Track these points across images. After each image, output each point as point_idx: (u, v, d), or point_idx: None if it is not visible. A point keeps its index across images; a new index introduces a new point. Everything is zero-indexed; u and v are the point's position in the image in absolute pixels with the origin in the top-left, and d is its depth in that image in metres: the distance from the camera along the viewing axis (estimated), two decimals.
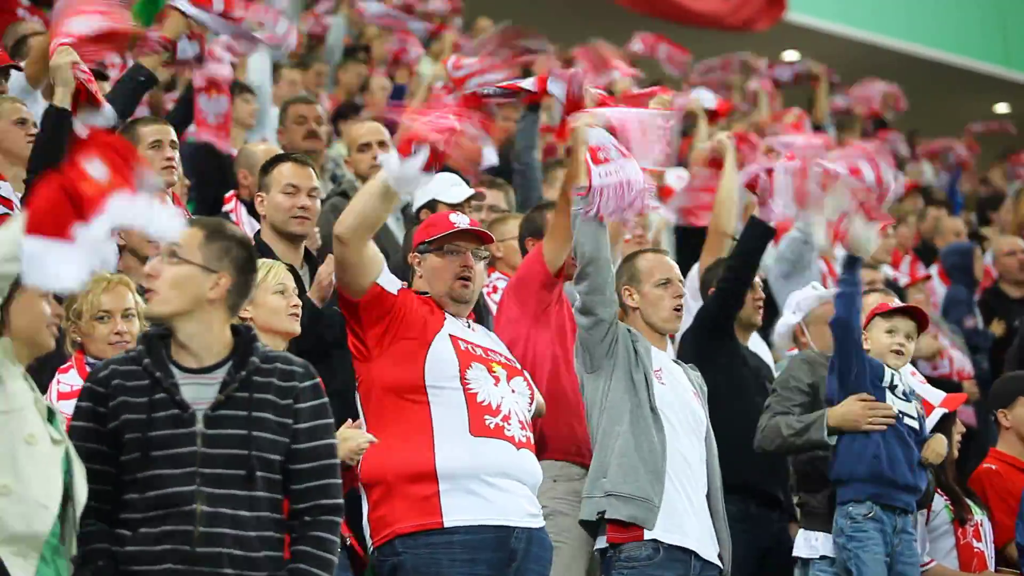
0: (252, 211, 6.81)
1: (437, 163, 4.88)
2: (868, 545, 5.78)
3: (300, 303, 5.24)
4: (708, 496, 5.63)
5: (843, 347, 5.99)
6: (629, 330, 5.65)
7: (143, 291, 4.27)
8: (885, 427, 5.90)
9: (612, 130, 5.49)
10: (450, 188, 6.93)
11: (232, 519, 3.97)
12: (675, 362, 5.85)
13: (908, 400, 6.02)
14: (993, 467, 6.69)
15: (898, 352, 6.07)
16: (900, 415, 5.96)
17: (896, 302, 6.47)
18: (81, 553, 3.96)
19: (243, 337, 4.15)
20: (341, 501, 4.18)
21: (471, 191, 6.97)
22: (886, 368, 6.02)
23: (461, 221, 5.40)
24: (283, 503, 4.11)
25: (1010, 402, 6.76)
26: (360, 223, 5.05)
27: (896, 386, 6.01)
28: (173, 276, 4.07)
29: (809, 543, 6.02)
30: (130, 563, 3.95)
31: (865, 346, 6.09)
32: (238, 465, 4.00)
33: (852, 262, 6.00)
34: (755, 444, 6.15)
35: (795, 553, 6.11)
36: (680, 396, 5.67)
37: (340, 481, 4.18)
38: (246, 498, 4.01)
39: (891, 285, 9.56)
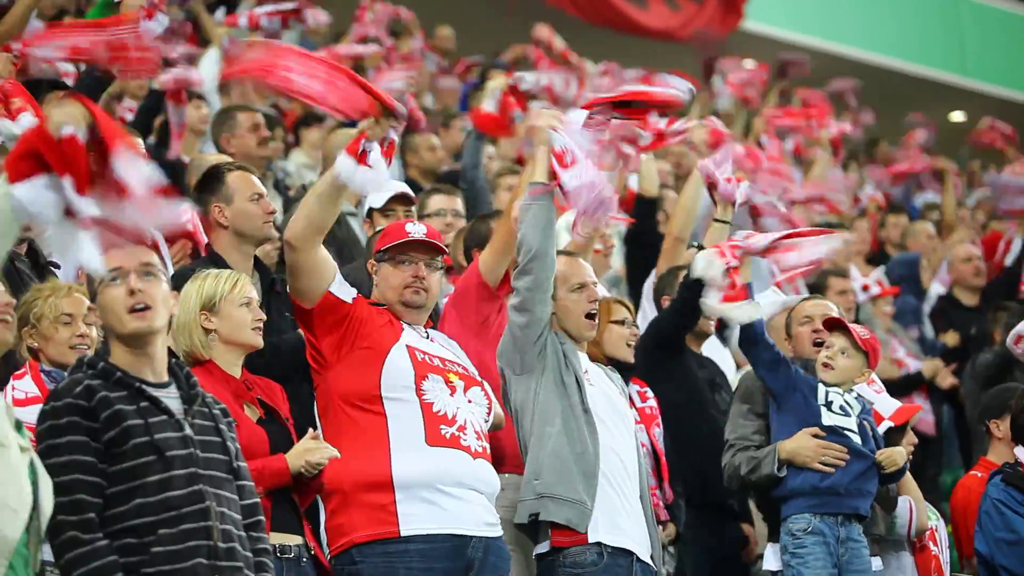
0: None
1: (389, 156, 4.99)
2: (809, 561, 5.78)
3: (264, 317, 5.21)
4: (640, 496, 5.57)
5: (757, 367, 6.01)
6: (555, 332, 5.55)
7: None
8: (834, 469, 5.86)
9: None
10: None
11: (232, 518, 4.15)
12: (595, 363, 5.75)
13: (847, 415, 5.98)
14: (979, 475, 6.67)
15: (825, 365, 6.01)
16: (839, 429, 5.93)
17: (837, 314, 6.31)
18: (95, 568, 3.94)
19: (172, 355, 4.26)
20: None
21: (393, 192, 6.75)
22: (820, 385, 6.00)
23: (416, 231, 5.41)
24: None
25: (1003, 413, 6.74)
26: (308, 225, 5.13)
27: (831, 402, 5.97)
28: (162, 293, 4.16)
29: (778, 556, 5.96)
30: (157, 565, 3.98)
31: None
32: (224, 468, 4.18)
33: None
34: (724, 484, 6.10)
35: (764, 567, 6.07)
36: (608, 397, 5.61)
37: None
38: (235, 500, 4.19)
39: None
